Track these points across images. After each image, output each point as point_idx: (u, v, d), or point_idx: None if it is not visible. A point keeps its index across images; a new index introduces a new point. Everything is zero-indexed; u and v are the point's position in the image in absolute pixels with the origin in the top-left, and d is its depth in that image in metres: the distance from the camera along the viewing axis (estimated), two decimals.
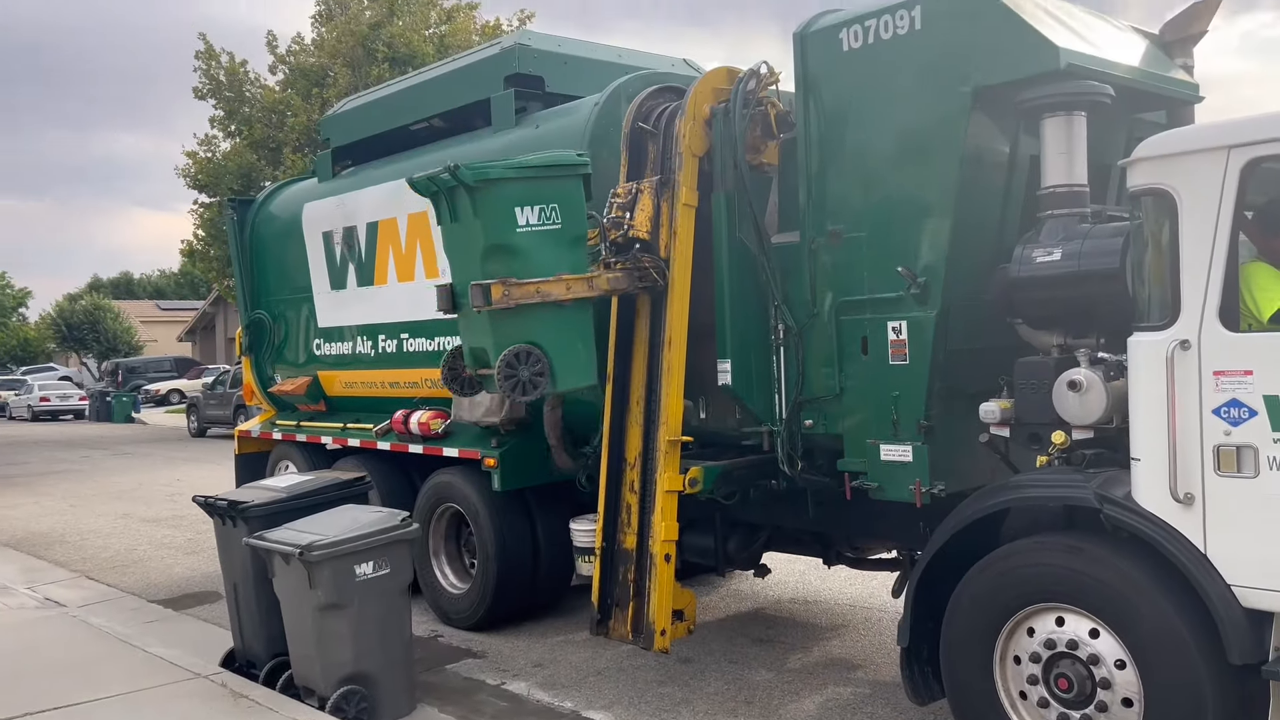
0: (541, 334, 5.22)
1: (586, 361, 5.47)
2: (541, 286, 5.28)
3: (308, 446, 9.27)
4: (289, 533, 5.87)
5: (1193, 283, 3.93)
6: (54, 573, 10.18)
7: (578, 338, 5.41)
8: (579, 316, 5.40)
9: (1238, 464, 3.83)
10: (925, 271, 5.00)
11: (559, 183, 5.36)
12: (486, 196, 5.12)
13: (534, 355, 5.16)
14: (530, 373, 5.12)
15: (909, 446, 5.10)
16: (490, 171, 5.14)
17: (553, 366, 5.20)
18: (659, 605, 5.63)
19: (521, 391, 5.04)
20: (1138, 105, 5.41)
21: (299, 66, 26.03)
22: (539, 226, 5.21)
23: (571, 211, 5.39)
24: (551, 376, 5.20)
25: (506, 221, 5.13)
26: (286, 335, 9.59)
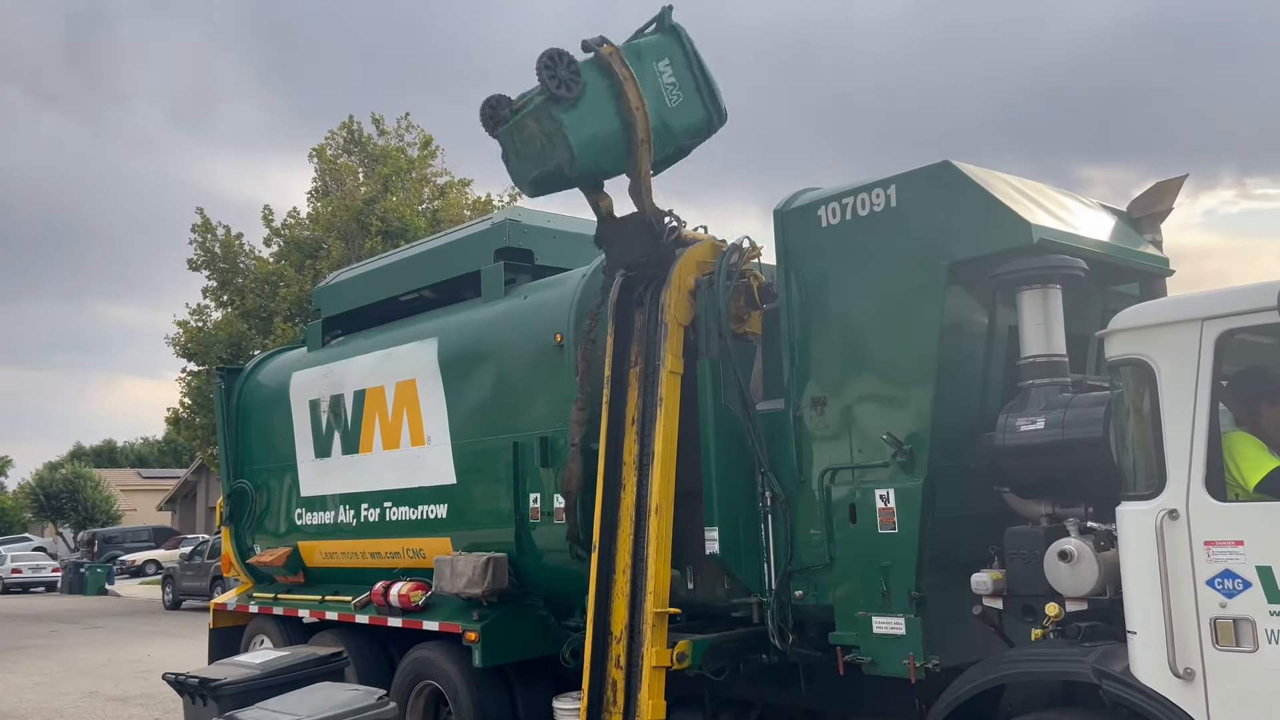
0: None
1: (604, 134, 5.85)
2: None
3: (284, 620, 9.01)
4: (261, 713, 5.63)
5: (1177, 452, 3.95)
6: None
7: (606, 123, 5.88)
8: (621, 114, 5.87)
9: (1236, 637, 3.75)
10: (911, 439, 5.02)
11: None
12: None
13: (569, 59, 5.62)
14: (568, 72, 5.55)
15: (901, 619, 5.00)
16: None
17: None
18: None
19: (560, 87, 5.47)
20: (1111, 278, 5.56)
21: (293, 239, 26.67)
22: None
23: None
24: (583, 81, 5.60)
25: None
26: (268, 505, 9.47)
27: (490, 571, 6.84)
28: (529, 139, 5.90)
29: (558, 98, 5.67)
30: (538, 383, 6.92)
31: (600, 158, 5.94)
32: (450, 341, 7.60)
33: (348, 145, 27.56)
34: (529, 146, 5.93)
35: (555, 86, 5.66)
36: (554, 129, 5.75)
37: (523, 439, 6.94)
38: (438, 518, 7.62)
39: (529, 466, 6.89)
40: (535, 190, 6.22)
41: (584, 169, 5.91)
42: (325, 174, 27.18)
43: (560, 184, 6.15)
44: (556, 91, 5.65)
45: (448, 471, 7.51)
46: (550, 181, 6.09)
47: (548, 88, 5.66)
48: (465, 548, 7.27)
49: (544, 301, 7.07)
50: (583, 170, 5.92)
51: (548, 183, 6.11)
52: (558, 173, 5.94)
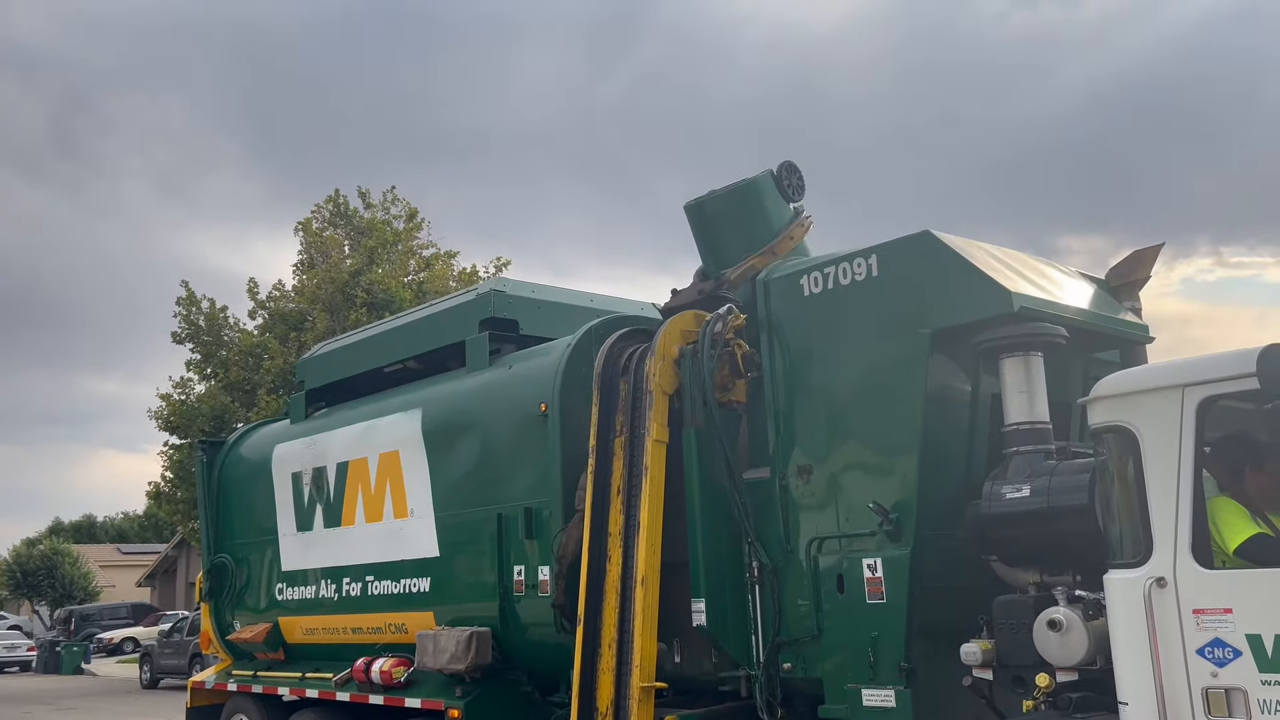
0: None
1: None
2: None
3: (263, 698, 8.81)
4: None
5: (1162, 519, 3.95)
6: None
7: None
8: None
9: (1228, 708, 3.71)
10: (897, 508, 5.00)
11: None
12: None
13: None
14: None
15: (891, 690, 4.93)
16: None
17: None
18: None
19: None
20: (1091, 345, 5.60)
21: (278, 311, 26.68)
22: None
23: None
24: None
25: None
26: (249, 580, 9.33)
27: (474, 646, 6.73)
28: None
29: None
30: (522, 453, 6.88)
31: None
32: (434, 412, 7.57)
33: (334, 218, 27.76)
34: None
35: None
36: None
37: (507, 510, 6.88)
38: (420, 591, 7.51)
39: (513, 538, 6.82)
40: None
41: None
42: (311, 247, 27.32)
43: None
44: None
45: (430, 544, 7.42)
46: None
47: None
48: (448, 622, 7.16)
49: (529, 371, 7.07)
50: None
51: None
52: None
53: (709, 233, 6.43)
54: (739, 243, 6.23)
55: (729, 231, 6.30)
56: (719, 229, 6.37)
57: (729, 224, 6.29)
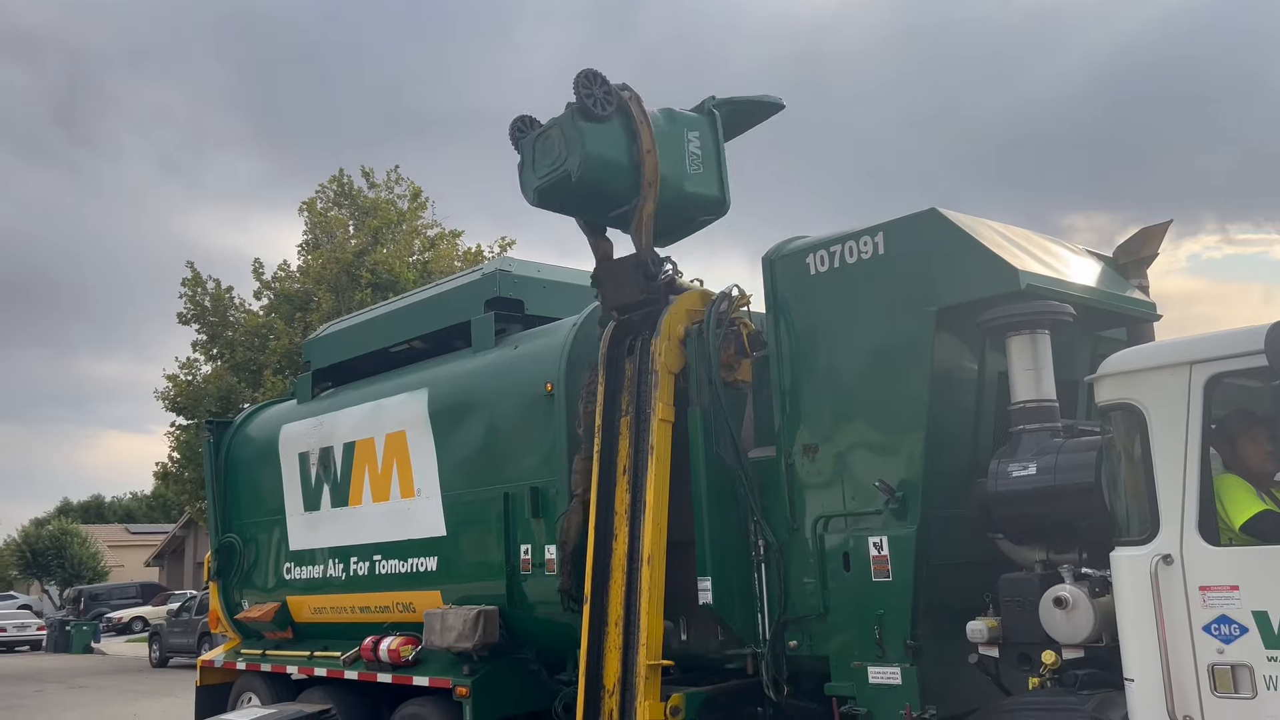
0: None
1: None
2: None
3: (272, 677, 8.86)
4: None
5: (1169, 496, 3.94)
6: None
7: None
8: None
9: (1234, 684, 3.72)
10: (903, 486, 5.00)
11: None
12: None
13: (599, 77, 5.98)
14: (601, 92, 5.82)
15: (897, 668, 4.94)
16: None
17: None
18: None
19: (597, 106, 5.90)
20: (1099, 323, 5.59)
21: (283, 292, 26.68)
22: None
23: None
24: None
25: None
26: (256, 559, 9.37)
27: (481, 625, 6.76)
28: (549, 147, 6.19)
29: (588, 112, 5.99)
30: (528, 433, 6.89)
31: (607, 178, 6.16)
32: (440, 392, 7.58)
33: (338, 198, 27.71)
34: (546, 155, 6.20)
35: (590, 102, 5.98)
36: (574, 136, 6.03)
37: (513, 489, 6.90)
38: (427, 570, 7.54)
39: (520, 517, 6.84)
40: (539, 199, 6.38)
41: (589, 181, 6.11)
42: (315, 227, 27.28)
43: (563, 196, 6.33)
44: (590, 106, 5.98)
45: (438, 523, 7.44)
46: (554, 192, 6.28)
47: (582, 101, 5.98)
48: (456, 601, 7.19)
49: (534, 351, 7.07)
50: (587, 182, 6.11)
51: (552, 192, 6.29)
52: (564, 179, 6.12)
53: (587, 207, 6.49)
54: (615, 194, 6.24)
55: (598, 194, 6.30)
56: (589, 200, 6.40)
57: (593, 189, 6.24)
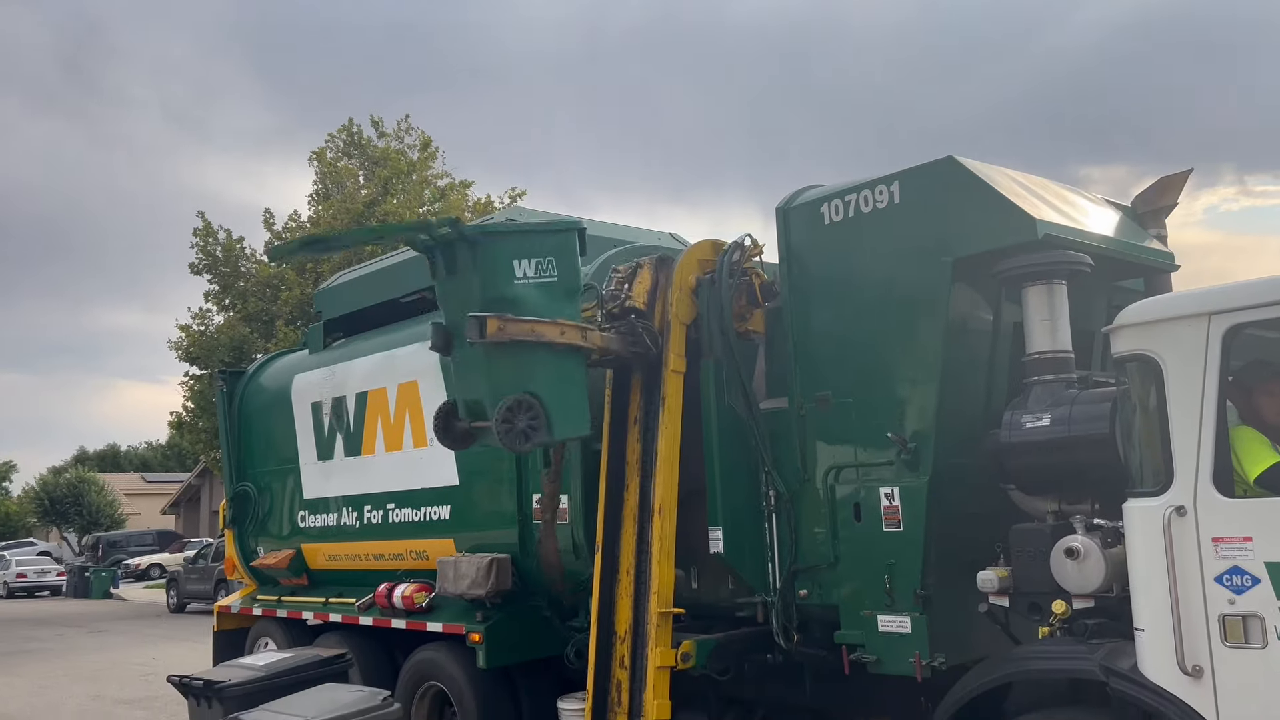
0: (537, 381, 5.15)
1: (581, 411, 5.37)
2: (536, 326, 5.23)
3: (288, 622, 8.99)
4: (266, 714, 5.63)
5: (1184, 448, 3.92)
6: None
7: (572, 386, 5.33)
8: (573, 365, 5.33)
9: (1245, 634, 3.73)
10: (915, 437, 5.00)
11: (555, 237, 5.40)
12: (486, 250, 5.15)
13: (531, 406, 5.10)
14: (527, 422, 5.07)
15: (907, 617, 4.97)
16: (490, 226, 5.22)
17: (549, 415, 5.14)
18: None
19: (520, 440, 4.99)
20: (1116, 273, 5.53)
21: None
22: (535, 279, 5.23)
23: (567, 264, 5.40)
24: (548, 425, 5.13)
25: (505, 273, 5.16)
26: (271, 507, 9.45)
27: (493, 573, 6.82)
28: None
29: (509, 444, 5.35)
30: None
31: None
32: None
33: (347, 148, 27.57)
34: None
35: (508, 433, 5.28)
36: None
37: None
38: (440, 519, 7.60)
39: (531, 467, 6.86)
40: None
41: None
42: (325, 177, 27.19)
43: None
44: (509, 441, 5.29)
45: (450, 473, 7.48)
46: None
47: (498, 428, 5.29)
48: (468, 549, 7.25)
49: None
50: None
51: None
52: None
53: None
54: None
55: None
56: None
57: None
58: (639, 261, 6.05)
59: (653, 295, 5.95)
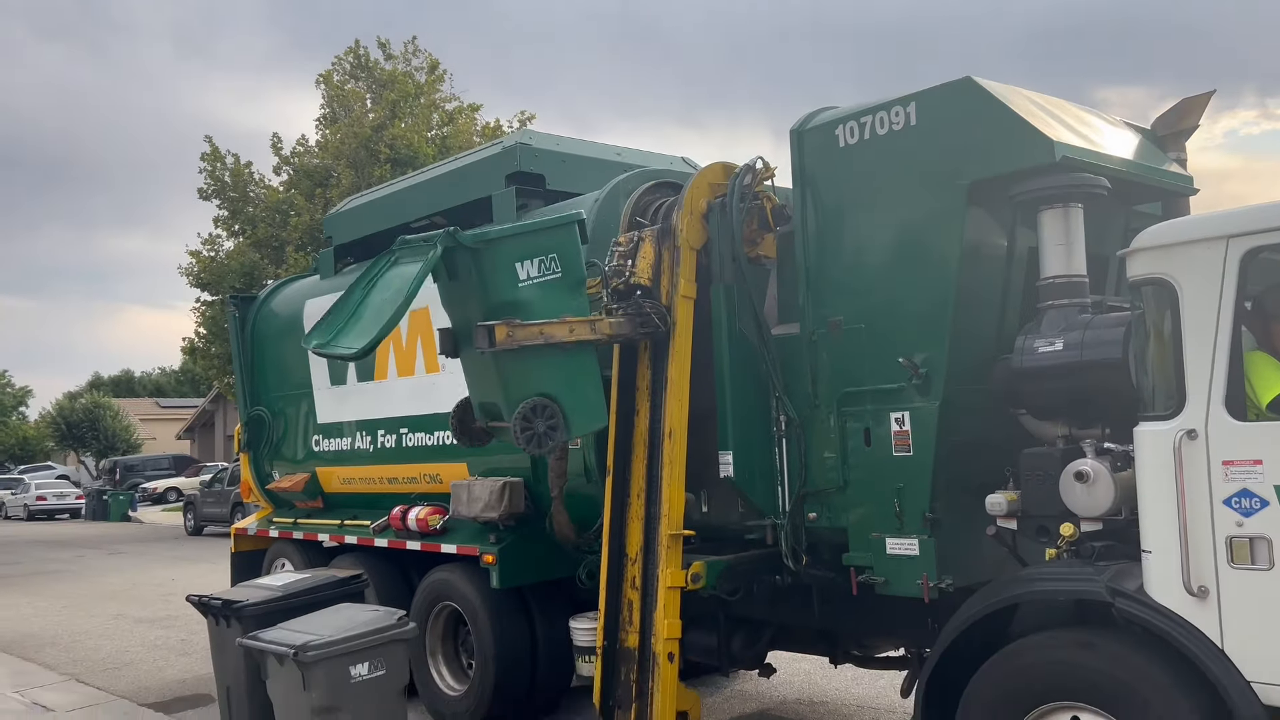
0: (551, 382, 5.13)
1: (597, 404, 5.36)
2: (545, 328, 5.19)
3: (304, 544, 9.14)
4: (283, 633, 5.74)
5: (1197, 372, 3.91)
6: (43, 675, 9.93)
7: (586, 381, 5.31)
8: (585, 360, 5.30)
9: (1251, 556, 3.75)
10: (927, 363, 4.99)
11: (556, 233, 5.33)
12: (487, 256, 5.08)
13: (548, 408, 5.08)
14: (545, 425, 5.05)
15: (915, 540, 5.02)
16: (489, 233, 5.14)
17: (566, 415, 5.13)
18: (662, 706, 5.48)
19: (538, 444, 4.99)
20: (1133, 197, 5.46)
21: (302, 167, 26.49)
22: (539, 278, 5.18)
23: (570, 258, 5.33)
24: (566, 425, 5.13)
25: (508, 278, 5.10)
26: (285, 431, 9.54)
27: (507, 496, 6.90)
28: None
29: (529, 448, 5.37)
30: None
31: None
32: None
33: (354, 71, 27.21)
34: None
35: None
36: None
37: None
38: (453, 444, 7.64)
39: None
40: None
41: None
42: (333, 100, 26.89)
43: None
44: (530, 445, 5.31)
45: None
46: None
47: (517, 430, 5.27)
48: (482, 473, 7.32)
49: None
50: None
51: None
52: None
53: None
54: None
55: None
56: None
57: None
58: (640, 235, 5.96)
59: (656, 269, 5.86)
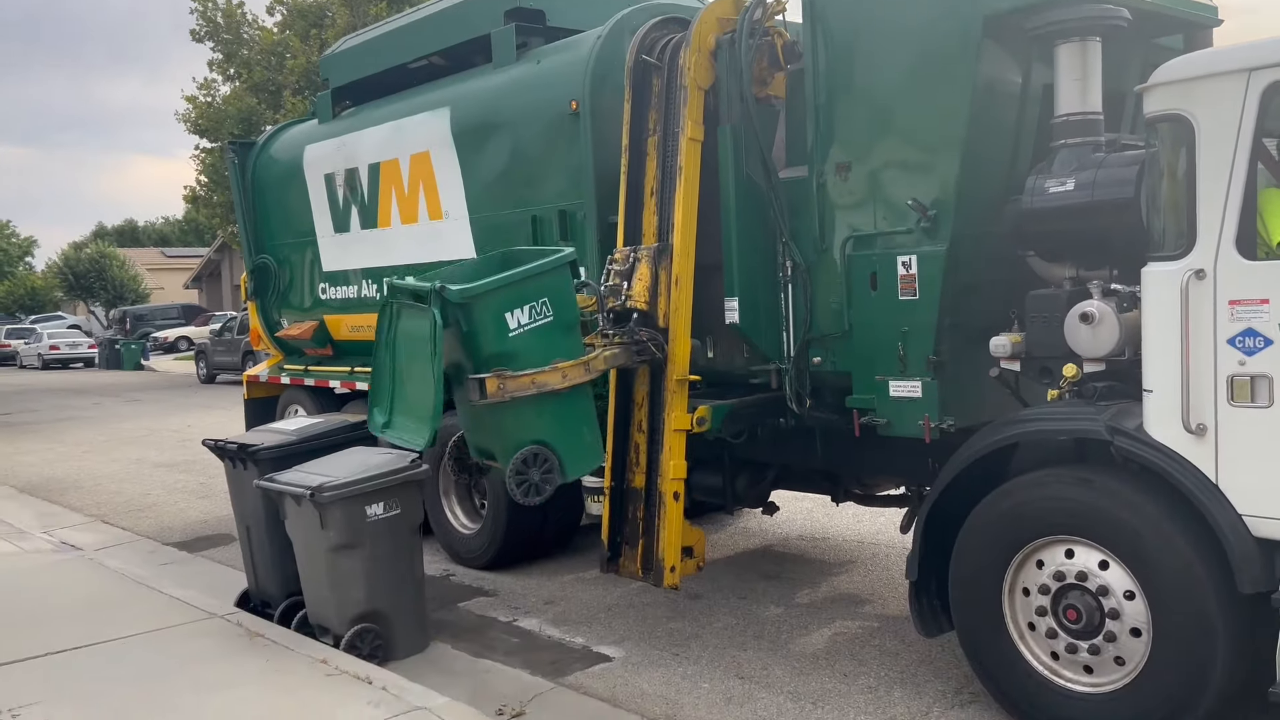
0: (546, 429, 5.05)
1: (594, 446, 5.31)
2: (537, 378, 5.05)
3: (316, 390, 9.28)
4: (300, 474, 5.88)
5: (1209, 210, 3.86)
6: (69, 517, 10.27)
7: (582, 423, 5.23)
8: (579, 402, 5.20)
9: (1251, 394, 3.80)
10: (936, 205, 4.93)
11: (548, 277, 5.15)
12: (476, 310, 4.93)
13: (542, 455, 5.03)
14: (541, 474, 5.03)
15: (918, 382, 5.07)
16: (475, 289, 4.91)
17: (561, 460, 5.08)
18: (668, 542, 5.65)
19: (535, 493, 4.98)
20: (1154, 29, 5.27)
21: (296, 7, 25.67)
22: (530, 325, 5.03)
23: (562, 301, 5.18)
24: (561, 470, 5.10)
25: (498, 330, 4.96)
26: (291, 279, 9.55)
27: None
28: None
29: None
30: (554, 154, 6.77)
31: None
32: (463, 111, 7.40)
33: None
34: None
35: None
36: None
37: (541, 213, 6.87)
38: None
39: (549, 241, 6.84)
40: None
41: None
42: None
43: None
44: (526, 495, 5.16)
45: (467, 246, 7.49)
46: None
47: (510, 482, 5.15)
48: None
49: (558, 66, 6.81)
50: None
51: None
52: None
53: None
54: None
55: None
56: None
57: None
58: (635, 255, 5.76)
59: (653, 291, 5.67)
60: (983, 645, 4.61)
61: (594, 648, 5.94)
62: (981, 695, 4.89)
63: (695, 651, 5.80)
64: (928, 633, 4.94)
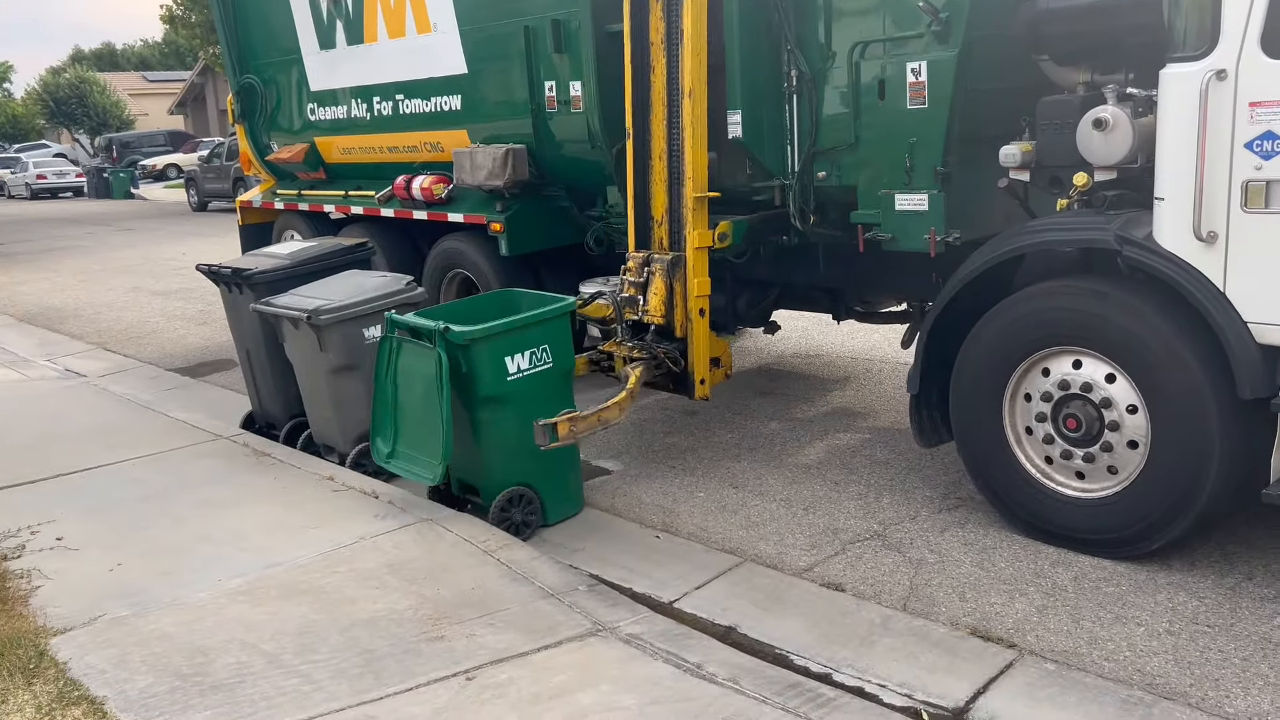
0: (531, 472, 5.08)
1: (576, 491, 5.36)
2: (601, 414, 5.13)
3: (311, 216, 9.15)
4: (296, 298, 5.86)
5: (1235, 6, 3.68)
6: (71, 345, 10.32)
7: (568, 469, 5.28)
8: (565, 450, 5.18)
9: (1266, 199, 3.71)
10: (948, 7, 4.71)
11: (548, 325, 5.12)
12: (476, 352, 4.88)
13: (525, 497, 5.07)
14: (523, 515, 5.06)
15: (924, 195, 4.97)
16: (477, 332, 4.86)
17: (544, 504, 5.15)
18: (697, 356, 5.66)
19: (515, 533, 4.99)
20: None
21: None
22: (530, 370, 5.03)
23: (561, 347, 5.17)
24: (543, 512, 5.16)
25: (497, 373, 4.95)
26: (279, 100, 9.26)
27: (510, 163, 6.78)
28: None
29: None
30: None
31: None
32: None
33: None
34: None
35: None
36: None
37: (533, 23, 6.59)
38: (452, 110, 7.44)
39: (542, 53, 6.60)
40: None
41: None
42: None
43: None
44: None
45: (457, 60, 7.22)
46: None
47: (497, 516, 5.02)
48: (483, 140, 7.17)
49: None
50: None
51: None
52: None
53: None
54: None
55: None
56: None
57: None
58: (649, 268, 5.60)
59: (669, 304, 5.56)
60: (980, 450, 4.67)
61: (594, 462, 6.06)
62: (967, 500, 5.02)
63: (691, 464, 5.92)
64: (926, 443, 5.01)
